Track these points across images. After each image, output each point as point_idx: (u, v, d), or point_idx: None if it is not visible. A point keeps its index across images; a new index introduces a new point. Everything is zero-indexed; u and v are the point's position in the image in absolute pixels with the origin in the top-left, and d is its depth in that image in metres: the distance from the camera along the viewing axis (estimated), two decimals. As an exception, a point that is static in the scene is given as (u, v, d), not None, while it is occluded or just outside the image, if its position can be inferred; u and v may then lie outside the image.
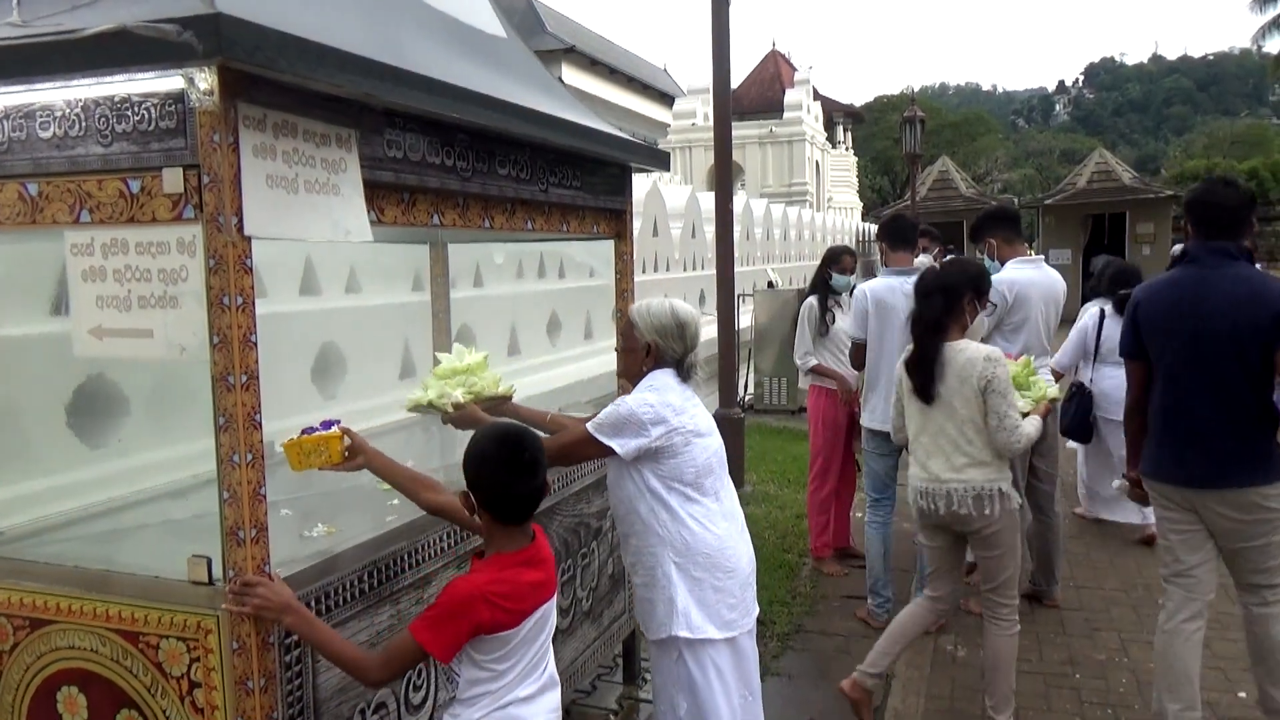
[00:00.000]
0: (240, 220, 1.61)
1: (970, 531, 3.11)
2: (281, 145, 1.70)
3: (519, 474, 1.85)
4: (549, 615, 1.90)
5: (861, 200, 37.80)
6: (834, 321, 4.87)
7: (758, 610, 2.56)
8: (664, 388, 2.43)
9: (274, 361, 2.75)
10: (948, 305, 3.09)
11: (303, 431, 2.02)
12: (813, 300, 4.93)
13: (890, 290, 4.07)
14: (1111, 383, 4.89)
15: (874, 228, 21.07)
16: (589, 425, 2.41)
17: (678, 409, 2.41)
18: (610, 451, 2.37)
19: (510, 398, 2.68)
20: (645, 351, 2.47)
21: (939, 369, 3.05)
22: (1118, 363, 4.22)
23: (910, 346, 3.21)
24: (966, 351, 3.05)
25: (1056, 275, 4.33)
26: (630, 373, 2.53)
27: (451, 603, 1.75)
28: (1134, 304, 3.01)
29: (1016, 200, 25.77)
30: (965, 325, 3.13)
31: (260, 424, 1.68)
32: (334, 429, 2.02)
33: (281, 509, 2.31)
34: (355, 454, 2.04)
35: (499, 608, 1.76)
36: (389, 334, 4.37)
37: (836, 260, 4.97)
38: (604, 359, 5.94)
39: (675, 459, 2.39)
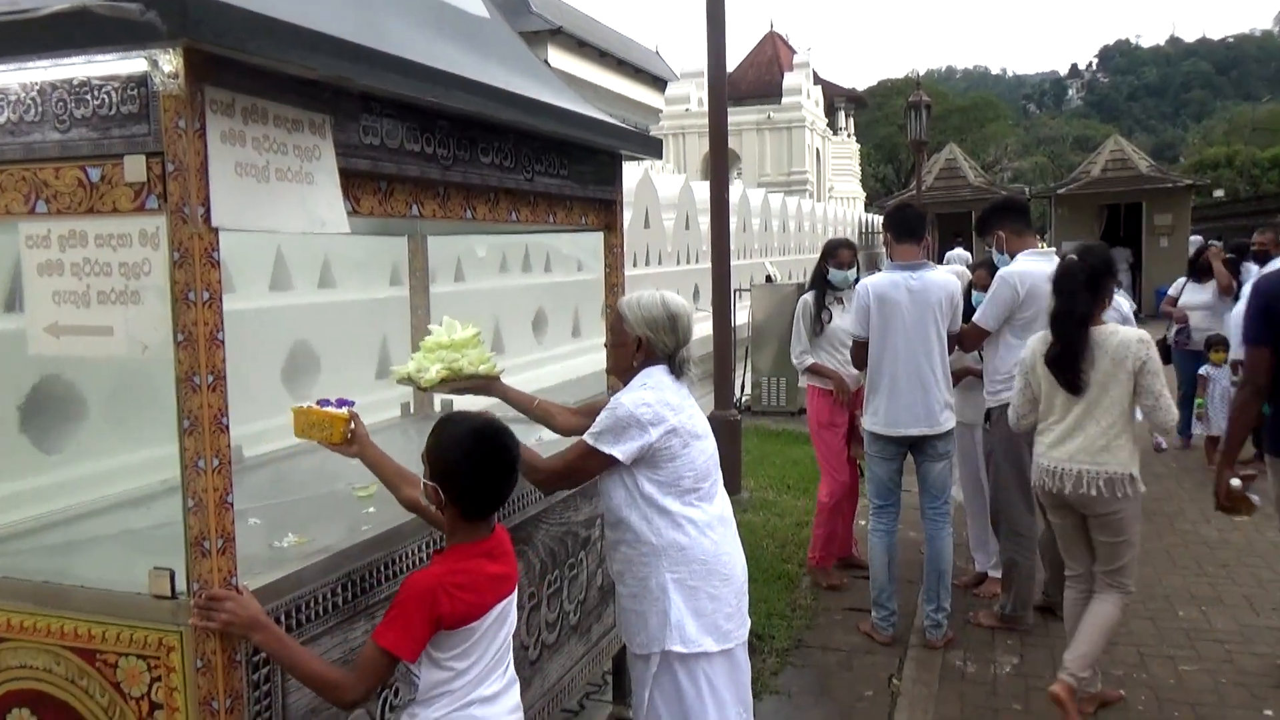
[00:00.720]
0: (207, 210, 1.60)
1: (1094, 514, 3.30)
2: (251, 131, 1.69)
3: (497, 472, 1.90)
4: (509, 612, 1.94)
5: (864, 190, 37.91)
6: (831, 319, 4.88)
7: (749, 621, 2.57)
8: (659, 385, 2.43)
9: (242, 361, 2.74)
10: (1097, 296, 3.29)
11: (317, 402, 2.16)
12: (808, 296, 4.94)
13: (894, 285, 4.08)
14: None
15: (878, 219, 21.16)
16: (587, 437, 2.41)
17: (675, 407, 2.42)
18: (614, 462, 2.38)
19: (497, 378, 2.69)
20: (635, 346, 2.48)
21: (1090, 358, 3.25)
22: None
23: (1050, 340, 3.36)
24: (1119, 334, 3.27)
25: (1068, 269, 4.36)
26: (620, 369, 2.55)
27: (409, 597, 1.79)
28: (1261, 292, 3.26)
29: (1027, 190, 25.90)
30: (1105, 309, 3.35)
31: (227, 427, 1.67)
32: (344, 410, 2.14)
33: (250, 518, 2.30)
34: (354, 442, 2.12)
35: (457, 599, 1.80)
36: (365, 331, 4.36)
37: (834, 254, 4.98)
38: (593, 357, 5.95)
39: (674, 462, 2.40)
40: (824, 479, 4.93)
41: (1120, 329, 3.29)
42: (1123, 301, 5.37)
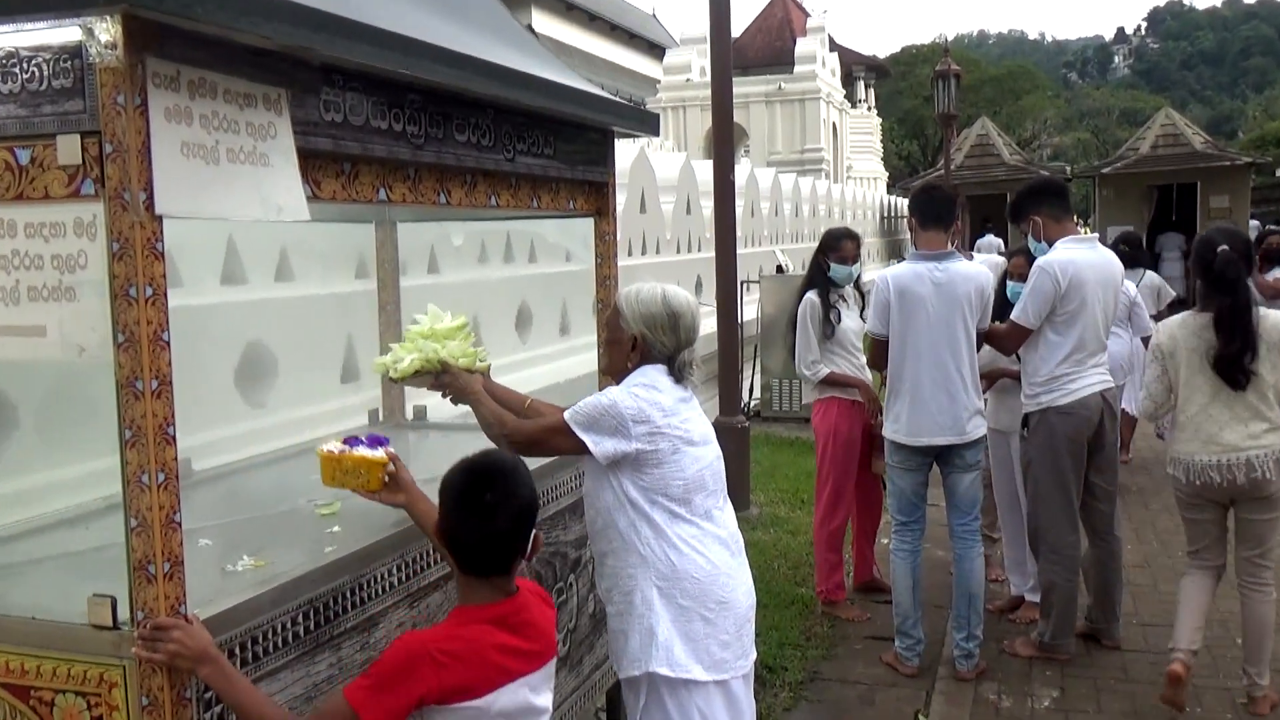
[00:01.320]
0: (150, 196, 1.61)
1: (1258, 497, 3.64)
2: (199, 108, 1.70)
3: (474, 514, 1.86)
4: (534, 702, 1.86)
5: (887, 169, 37.97)
6: (839, 320, 4.86)
7: (754, 654, 2.57)
8: (653, 384, 2.46)
9: (191, 364, 2.75)
10: (1249, 280, 3.70)
11: (345, 441, 2.18)
12: (813, 296, 4.87)
13: (917, 278, 4.09)
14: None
15: (903, 201, 21.19)
16: (566, 413, 2.46)
17: (667, 409, 2.43)
18: (584, 447, 2.41)
19: (484, 374, 2.72)
20: (631, 345, 2.50)
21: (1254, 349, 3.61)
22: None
23: (1212, 334, 3.62)
24: (1270, 317, 3.64)
25: (1113, 257, 4.37)
26: (615, 369, 2.58)
27: (394, 661, 1.75)
28: None
29: (1069, 169, 25.93)
30: None
31: (174, 438, 1.68)
32: (380, 452, 2.16)
33: (200, 538, 2.31)
34: (396, 488, 2.16)
35: (447, 671, 1.74)
36: (328, 330, 4.36)
37: (835, 246, 4.95)
38: (584, 358, 5.95)
39: (659, 468, 2.42)
40: (823, 499, 4.92)
41: (1269, 312, 3.69)
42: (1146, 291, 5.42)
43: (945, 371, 4.04)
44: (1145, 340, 7.25)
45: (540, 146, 2.85)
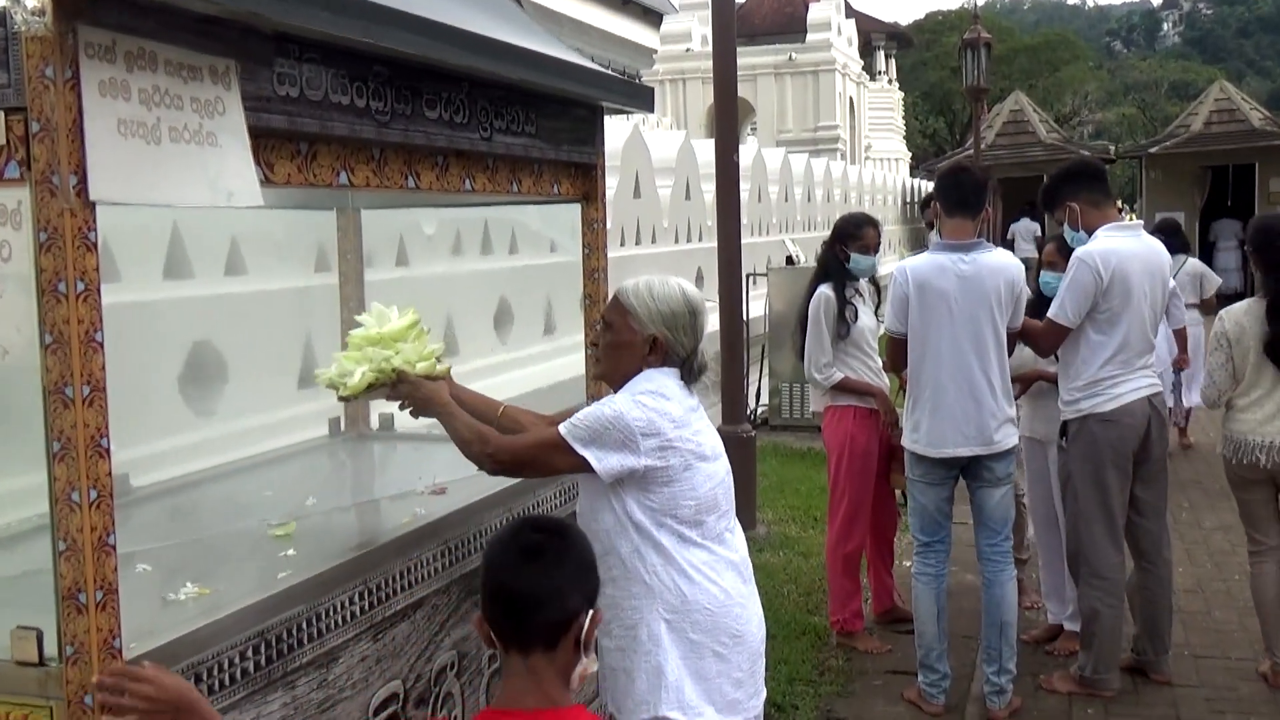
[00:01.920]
0: (82, 180, 1.61)
1: None
2: (137, 81, 1.70)
3: (511, 560, 1.80)
4: None
5: (910, 149, 38.06)
6: (856, 318, 4.85)
7: (765, 692, 2.58)
8: (664, 392, 2.45)
9: (129, 368, 2.75)
10: None
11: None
12: (827, 291, 4.86)
13: (940, 270, 4.09)
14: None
15: (929, 185, 21.21)
16: (562, 426, 2.43)
17: (677, 420, 2.43)
18: (584, 465, 2.39)
19: (445, 378, 2.66)
20: (647, 348, 2.50)
21: None
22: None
23: (1268, 321, 4.07)
24: None
25: (1159, 245, 4.39)
26: (619, 373, 2.55)
27: None
28: None
29: (1113, 148, 26.04)
30: None
31: (108, 450, 1.68)
32: None
33: (138, 563, 2.31)
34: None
35: None
36: (284, 329, 4.36)
37: (856, 234, 4.93)
38: (569, 360, 5.95)
39: (669, 487, 2.42)
40: (837, 518, 4.92)
41: None
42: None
43: (970, 375, 4.05)
44: (1178, 333, 7.37)
45: (520, 124, 2.85)
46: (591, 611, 1.81)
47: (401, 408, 2.68)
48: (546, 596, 1.77)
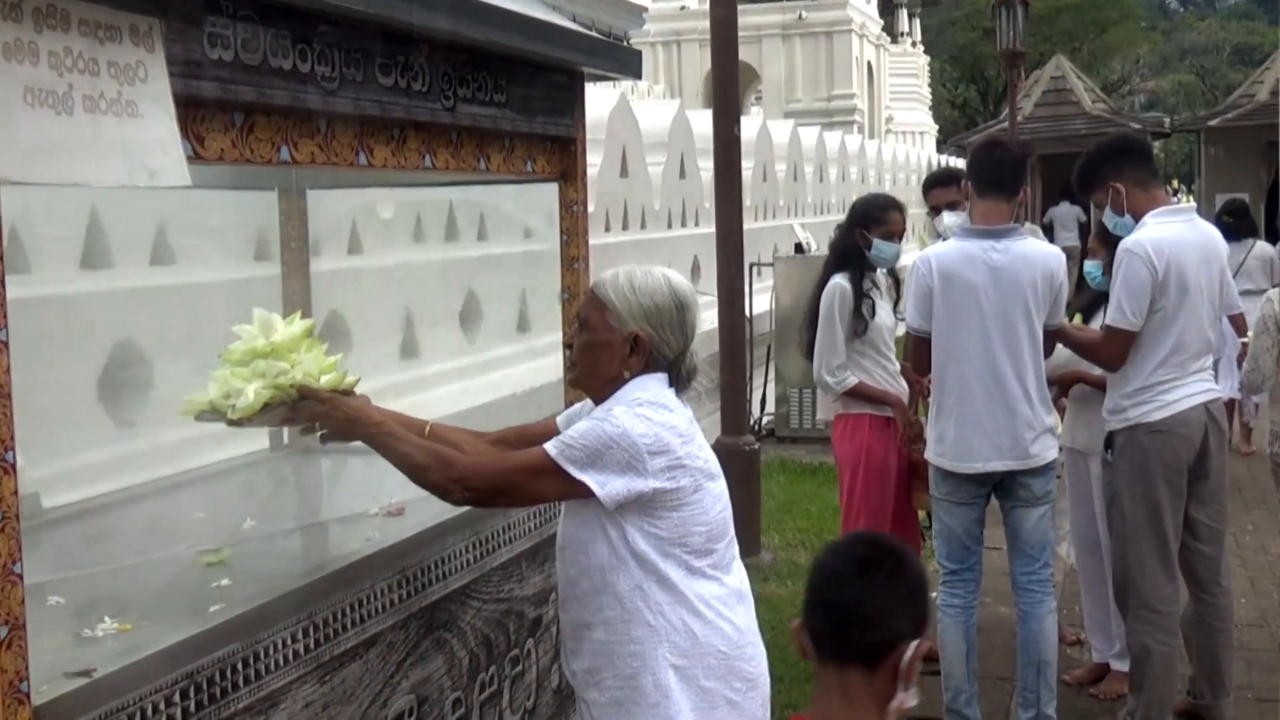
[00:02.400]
0: (-18, 156, 1.61)
1: None
2: (47, 43, 1.69)
3: (845, 570, 1.91)
4: None
5: (936, 121, 38.17)
6: (874, 314, 4.85)
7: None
8: (661, 402, 2.45)
9: (39, 371, 2.74)
10: None
11: None
12: (842, 282, 4.84)
13: (967, 260, 4.10)
14: None
15: (959, 163, 21.25)
16: (549, 447, 2.39)
17: (685, 435, 2.44)
18: (582, 491, 2.37)
19: (352, 393, 2.55)
20: (629, 349, 2.48)
21: None
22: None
23: None
24: None
25: (1215, 232, 4.41)
26: (598, 380, 2.54)
27: None
28: None
29: (1168, 120, 26.13)
30: None
31: (14, 466, 1.67)
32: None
33: (49, 595, 2.30)
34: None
35: None
36: (218, 327, 4.34)
37: (879, 218, 4.92)
38: (547, 363, 5.95)
39: (679, 511, 2.41)
40: None
41: None
42: None
43: (1003, 379, 4.06)
44: (1233, 319, 7.43)
45: (489, 93, 2.85)
46: (916, 643, 1.88)
47: (306, 431, 2.62)
48: (874, 614, 1.87)
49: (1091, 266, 4.58)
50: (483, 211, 6.51)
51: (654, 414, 2.39)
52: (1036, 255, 4.13)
